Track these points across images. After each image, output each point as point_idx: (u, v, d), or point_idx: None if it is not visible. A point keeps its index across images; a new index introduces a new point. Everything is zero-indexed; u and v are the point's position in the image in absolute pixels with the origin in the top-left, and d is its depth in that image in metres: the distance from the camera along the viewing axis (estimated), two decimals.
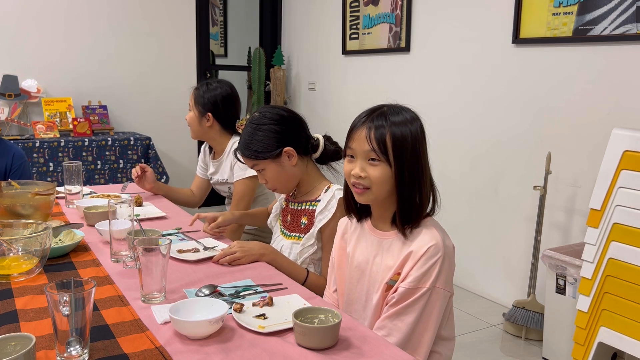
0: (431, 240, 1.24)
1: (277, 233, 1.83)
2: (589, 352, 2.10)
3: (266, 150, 1.67)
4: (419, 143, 1.28)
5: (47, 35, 3.94)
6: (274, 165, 1.69)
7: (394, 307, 1.25)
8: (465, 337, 2.72)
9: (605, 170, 2.05)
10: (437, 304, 1.24)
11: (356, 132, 1.29)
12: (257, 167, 1.72)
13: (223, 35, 6.10)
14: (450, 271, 1.26)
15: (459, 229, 3.28)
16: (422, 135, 1.29)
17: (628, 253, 1.97)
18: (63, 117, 3.92)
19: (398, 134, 1.25)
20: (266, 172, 1.71)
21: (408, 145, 1.26)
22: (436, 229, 1.28)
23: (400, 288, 1.24)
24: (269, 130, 1.68)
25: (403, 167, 1.25)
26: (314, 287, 1.56)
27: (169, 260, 1.32)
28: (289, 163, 1.68)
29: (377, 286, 1.32)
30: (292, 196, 1.80)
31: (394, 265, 1.28)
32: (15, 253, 1.40)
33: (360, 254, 1.38)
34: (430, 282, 1.22)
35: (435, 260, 1.22)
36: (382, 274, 1.31)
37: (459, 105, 3.30)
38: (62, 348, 0.98)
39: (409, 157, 1.26)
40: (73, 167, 2.13)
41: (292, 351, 1.06)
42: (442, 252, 1.23)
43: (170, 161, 4.45)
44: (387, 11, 3.75)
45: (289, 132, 1.70)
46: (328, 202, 1.63)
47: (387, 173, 1.26)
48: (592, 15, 2.56)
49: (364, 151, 1.27)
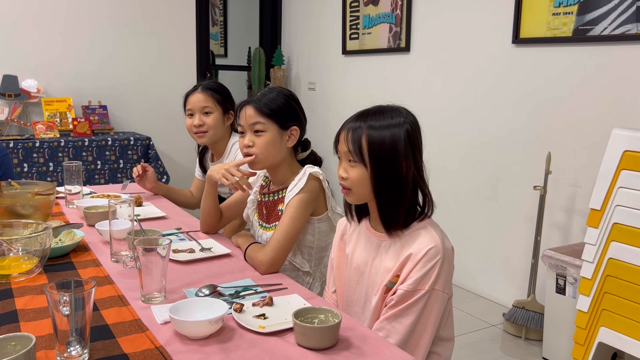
0: (430, 242, 1.23)
1: (255, 226, 1.80)
2: (589, 352, 2.10)
3: (280, 114, 1.63)
4: (400, 147, 1.25)
5: (47, 36, 3.94)
6: (275, 133, 1.64)
7: (393, 309, 1.24)
8: (465, 337, 2.72)
9: (605, 170, 2.05)
10: (435, 306, 1.23)
11: (341, 133, 1.32)
12: (260, 126, 1.63)
13: (223, 35, 6.10)
14: (450, 273, 1.26)
15: (459, 229, 3.28)
16: (407, 139, 1.26)
17: (628, 253, 1.97)
18: (63, 117, 3.92)
19: (375, 137, 1.25)
20: (264, 136, 1.63)
21: (385, 148, 1.25)
22: (435, 231, 1.27)
23: (399, 290, 1.24)
24: (287, 101, 1.66)
25: (379, 169, 1.25)
26: (250, 258, 1.56)
27: (169, 261, 1.32)
28: (285, 142, 1.66)
29: (377, 289, 1.31)
30: (267, 188, 1.78)
31: (393, 267, 1.28)
32: (15, 253, 1.40)
33: (360, 256, 1.38)
34: (429, 284, 1.21)
35: (435, 262, 1.22)
36: (382, 276, 1.31)
37: (458, 105, 3.30)
38: (62, 348, 0.98)
39: (385, 160, 1.25)
40: (73, 167, 2.13)
41: (292, 351, 1.06)
42: (441, 255, 1.23)
43: (170, 161, 4.45)
44: (387, 11, 3.75)
45: (300, 115, 1.70)
46: (299, 180, 1.61)
47: (364, 174, 1.27)
48: (592, 15, 2.56)
49: (344, 152, 1.31)
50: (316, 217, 1.65)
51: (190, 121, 2.28)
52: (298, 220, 1.57)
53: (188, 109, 2.30)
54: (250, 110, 1.64)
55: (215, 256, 1.61)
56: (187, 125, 2.30)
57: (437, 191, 3.45)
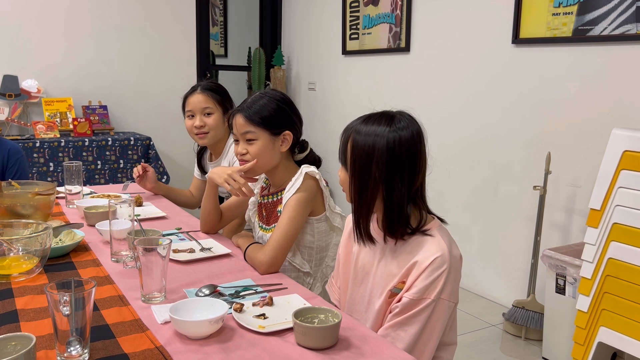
0: (437, 251, 1.21)
1: (256, 228, 1.81)
2: (588, 352, 2.11)
3: (270, 122, 1.63)
4: (384, 157, 1.21)
5: (47, 36, 3.94)
6: (267, 140, 1.63)
7: (398, 316, 1.22)
8: (465, 337, 2.72)
9: (605, 170, 2.05)
10: (441, 315, 1.21)
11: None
12: (251, 135, 1.63)
13: (223, 35, 6.10)
14: (456, 282, 1.24)
15: (459, 229, 3.28)
16: (396, 151, 1.21)
17: (628, 253, 1.97)
18: (63, 117, 3.92)
19: (359, 142, 1.24)
20: (255, 144, 1.63)
21: (364, 155, 1.22)
22: (443, 238, 1.24)
23: (404, 298, 1.22)
24: (278, 106, 1.65)
25: (354, 174, 1.25)
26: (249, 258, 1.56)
27: (169, 261, 1.32)
28: (279, 147, 1.66)
29: (381, 291, 1.30)
30: (267, 190, 1.78)
31: (397, 272, 1.26)
32: (15, 253, 1.40)
33: (365, 256, 1.37)
34: (435, 293, 1.19)
35: (441, 272, 1.19)
36: (386, 279, 1.29)
37: (458, 105, 3.30)
38: (62, 348, 0.98)
39: (362, 167, 1.23)
40: (73, 167, 2.14)
41: (292, 351, 1.06)
42: (448, 264, 1.20)
43: (170, 161, 4.45)
44: (387, 11, 3.75)
45: (292, 119, 1.68)
46: (295, 180, 1.61)
47: (347, 177, 1.28)
48: (592, 15, 2.56)
49: (339, 153, 1.31)
50: (315, 217, 1.64)
51: (190, 122, 2.27)
52: (296, 220, 1.57)
53: (188, 110, 2.28)
54: (240, 119, 1.64)
55: (215, 256, 1.61)
56: (188, 126, 2.28)
57: (437, 191, 3.46)
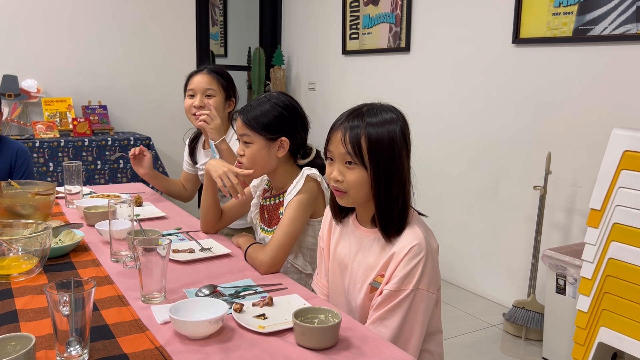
0: (414, 240, 1.21)
1: (258, 230, 1.81)
2: (589, 352, 2.10)
3: (267, 127, 1.62)
4: (398, 144, 1.22)
5: (47, 36, 3.94)
6: (263, 145, 1.63)
7: (378, 310, 1.22)
8: (465, 337, 2.72)
9: (605, 170, 2.05)
10: (421, 306, 1.20)
11: (334, 134, 1.27)
12: (247, 138, 1.64)
13: (223, 35, 6.10)
14: (435, 272, 1.23)
15: (459, 229, 3.28)
16: (402, 137, 1.24)
17: (628, 253, 1.97)
18: (63, 117, 3.92)
19: (374, 136, 1.21)
20: (251, 148, 1.64)
21: (384, 147, 1.21)
22: (420, 228, 1.24)
23: (384, 290, 1.22)
24: (278, 112, 1.64)
25: (379, 170, 1.22)
26: (250, 258, 1.56)
27: (169, 261, 1.32)
28: (276, 153, 1.65)
29: (360, 285, 1.30)
30: (269, 192, 1.78)
31: (375, 265, 1.26)
32: (15, 253, 1.40)
33: (343, 249, 1.37)
34: (413, 283, 1.19)
35: (418, 260, 1.19)
36: (364, 272, 1.29)
37: (459, 105, 3.29)
38: (62, 348, 0.98)
39: (385, 159, 1.21)
40: (73, 167, 2.13)
41: (292, 351, 1.06)
42: (424, 252, 1.19)
43: (171, 161, 4.45)
44: (387, 11, 3.75)
45: (293, 125, 1.67)
46: (297, 182, 1.61)
47: (363, 176, 1.23)
48: (592, 15, 2.56)
49: (340, 154, 1.26)
50: (316, 219, 1.65)
51: (190, 102, 2.21)
52: (297, 221, 1.57)
53: (189, 89, 2.22)
54: (239, 121, 1.66)
55: (215, 256, 1.61)
56: (186, 105, 2.22)
57: (437, 191, 3.47)
